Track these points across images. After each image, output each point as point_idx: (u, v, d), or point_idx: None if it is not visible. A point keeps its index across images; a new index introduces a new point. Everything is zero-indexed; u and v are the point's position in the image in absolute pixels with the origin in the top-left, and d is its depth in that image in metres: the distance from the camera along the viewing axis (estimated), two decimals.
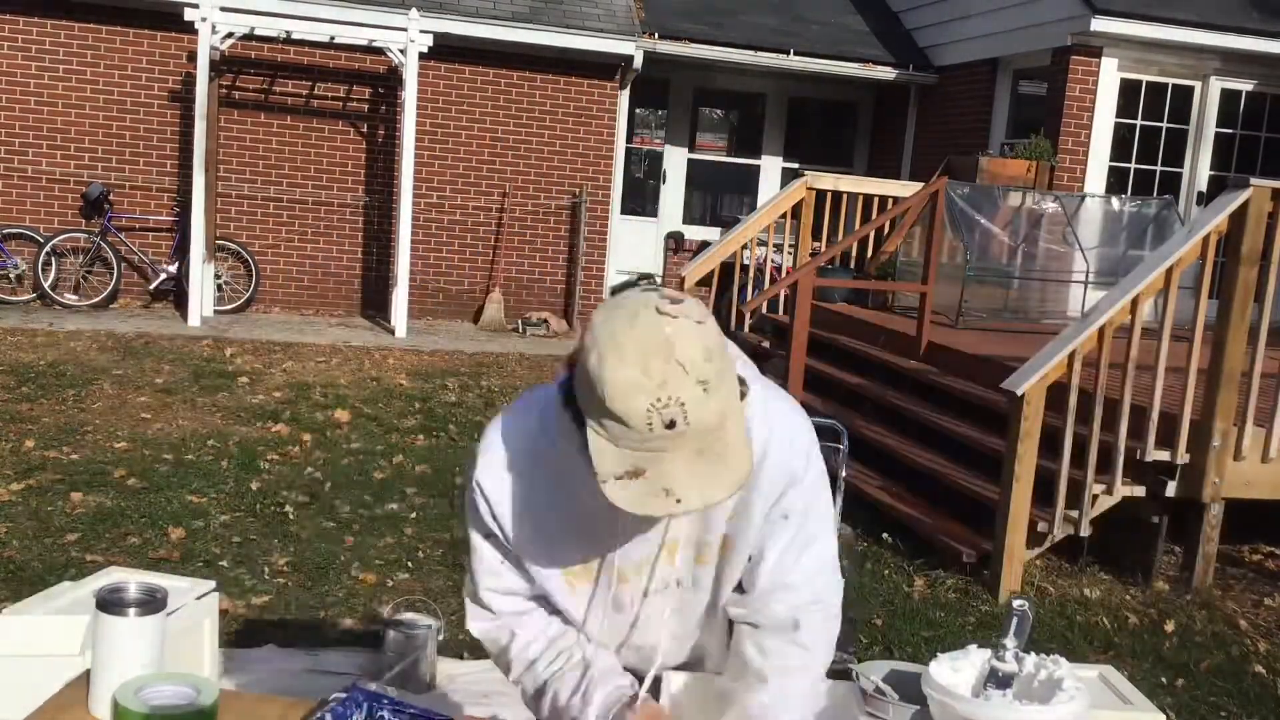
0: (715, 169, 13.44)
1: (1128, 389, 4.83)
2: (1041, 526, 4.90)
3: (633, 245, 12.53)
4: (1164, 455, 4.90)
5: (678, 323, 1.31)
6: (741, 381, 1.45)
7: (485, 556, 1.70)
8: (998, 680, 1.68)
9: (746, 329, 9.42)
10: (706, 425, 1.32)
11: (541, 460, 1.60)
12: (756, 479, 1.58)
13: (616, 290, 1.46)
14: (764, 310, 9.16)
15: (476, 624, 1.76)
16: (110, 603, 1.51)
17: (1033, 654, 1.70)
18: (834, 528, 1.73)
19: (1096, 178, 10.32)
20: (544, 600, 1.74)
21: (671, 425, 1.30)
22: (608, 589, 1.68)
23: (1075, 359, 4.82)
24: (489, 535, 1.68)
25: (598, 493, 1.40)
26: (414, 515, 5.28)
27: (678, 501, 1.33)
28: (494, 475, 1.63)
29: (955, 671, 1.70)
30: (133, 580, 1.58)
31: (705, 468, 1.33)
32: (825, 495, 1.67)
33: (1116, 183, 10.47)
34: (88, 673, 1.56)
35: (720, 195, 13.48)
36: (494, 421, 1.68)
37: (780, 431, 1.60)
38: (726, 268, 9.58)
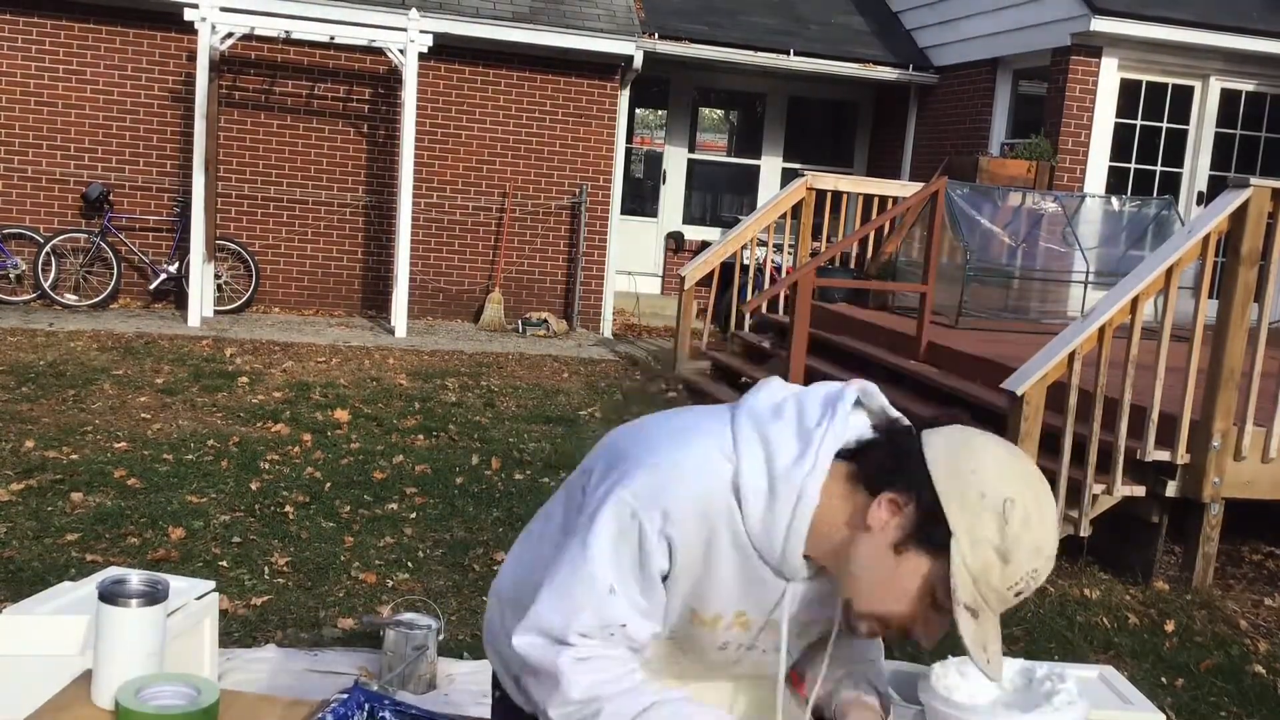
0: (715, 169, 13.45)
1: (1128, 389, 4.83)
2: None
3: (633, 245, 12.54)
4: (1164, 455, 4.90)
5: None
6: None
7: (620, 609, 1.48)
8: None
9: (746, 329, 9.43)
10: (1012, 608, 1.41)
11: (729, 532, 1.48)
12: None
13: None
14: (764, 310, 9.16)
15: (583, 676, 1.48)
16: (113, 594, 1.52)
17: (1041, 667, 1.69)
18: None
19: (1096, 178, 10.33)
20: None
21: (1017, 595, 1.39)
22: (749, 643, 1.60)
23: (1075, 359, 4.82)
24: (638, 578, 1.48)
25: (767, 578, 1.49)
26: (414, 515, 5.28)
27: (988, 662, 1.39)
28: (687, 526, 1.46)
29: (962, 676, 1.68)
30: (134, 573, 1.58)
31: (997, 637, 1.41)
32: None
33: (1116, 183, 10.47)
34: (88, 672, 1.57)
35: (720, 195, 13.48)
36: (676, 453, 1.48)
37: None
38: (726, 268, 9.58)
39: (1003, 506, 1.37)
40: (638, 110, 12.75)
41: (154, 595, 1.54)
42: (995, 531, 1.36)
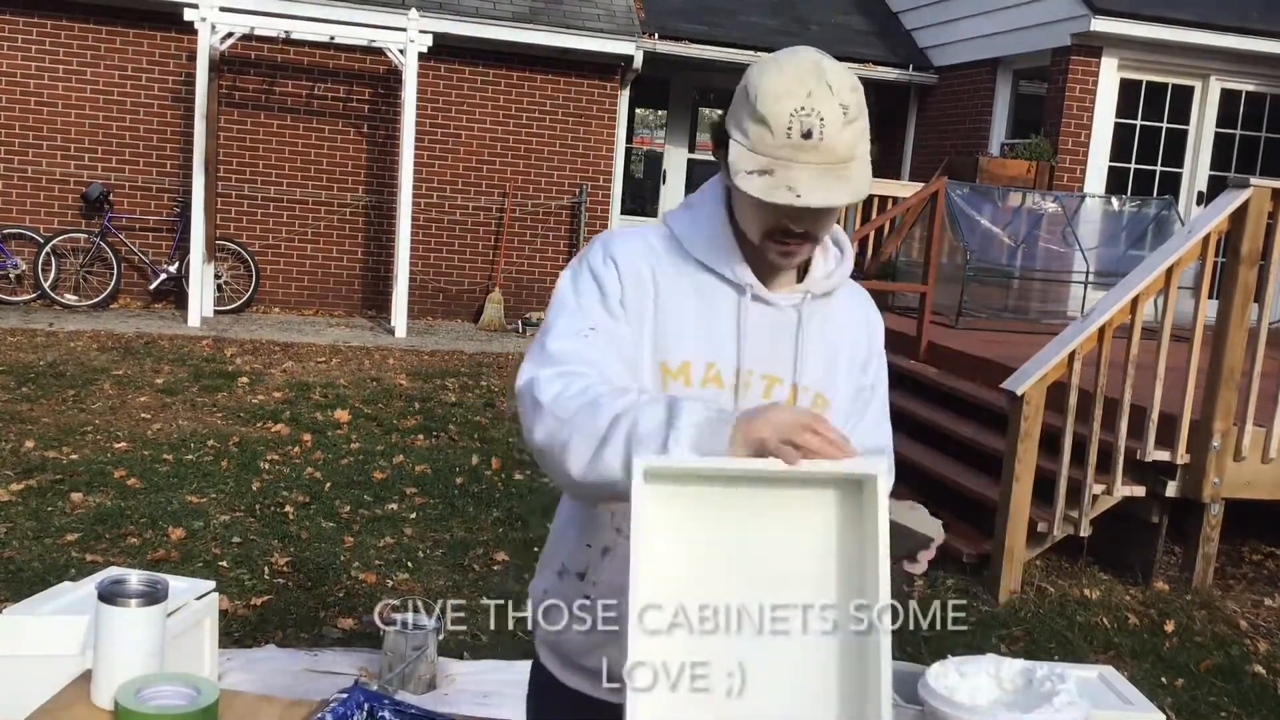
0: (715, 169, 13.43)
1: (1127, 389, 4.83)
2: (1041, 526, 4.90)
3: None
4: (1164, 455, 4.90)
5: (835, 63, 1.50)
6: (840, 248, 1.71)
7: (587, 318, 1.57)
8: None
9: None
10: (836, 149, 1.46)
11: (672, 256, 1.64)
12: (854, 337, 1.73)
13: None
14: None
15: (526, 374, 1.53)
16: (112, 594, 1.52)
17: (1041, 667, 1.69)
18: None
19: (1096, 178, 10.32)
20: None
21: (807, 135, 1.45)
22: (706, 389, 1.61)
23: (1075, 359, 4.82)
24: (600, 299, 1.58)
25: (723, 289, 1.61)
26: (414, 515, 5.28)
27: (798, 196, 1.45)
28: (629, 248, 1.63)
29: (962, 676, 1.67)
30: (134, 573, 1.58)
31: (828, 181, 1.46)
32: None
33: (1116, 183, 10.47)
34: (88, 672, 1.57)
35: None
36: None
37: (873, 309, 1.81)
38: None
39: (744, 88, 1.50)
40: (638, 110, 12.75)
41: (153, 595, 1.54)
42: (742, 105, 1.50)
